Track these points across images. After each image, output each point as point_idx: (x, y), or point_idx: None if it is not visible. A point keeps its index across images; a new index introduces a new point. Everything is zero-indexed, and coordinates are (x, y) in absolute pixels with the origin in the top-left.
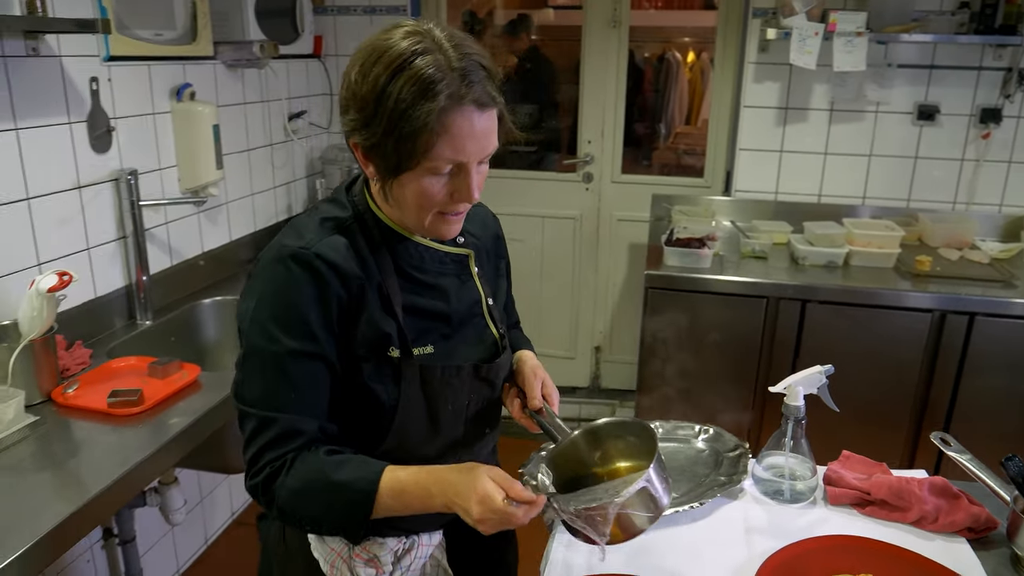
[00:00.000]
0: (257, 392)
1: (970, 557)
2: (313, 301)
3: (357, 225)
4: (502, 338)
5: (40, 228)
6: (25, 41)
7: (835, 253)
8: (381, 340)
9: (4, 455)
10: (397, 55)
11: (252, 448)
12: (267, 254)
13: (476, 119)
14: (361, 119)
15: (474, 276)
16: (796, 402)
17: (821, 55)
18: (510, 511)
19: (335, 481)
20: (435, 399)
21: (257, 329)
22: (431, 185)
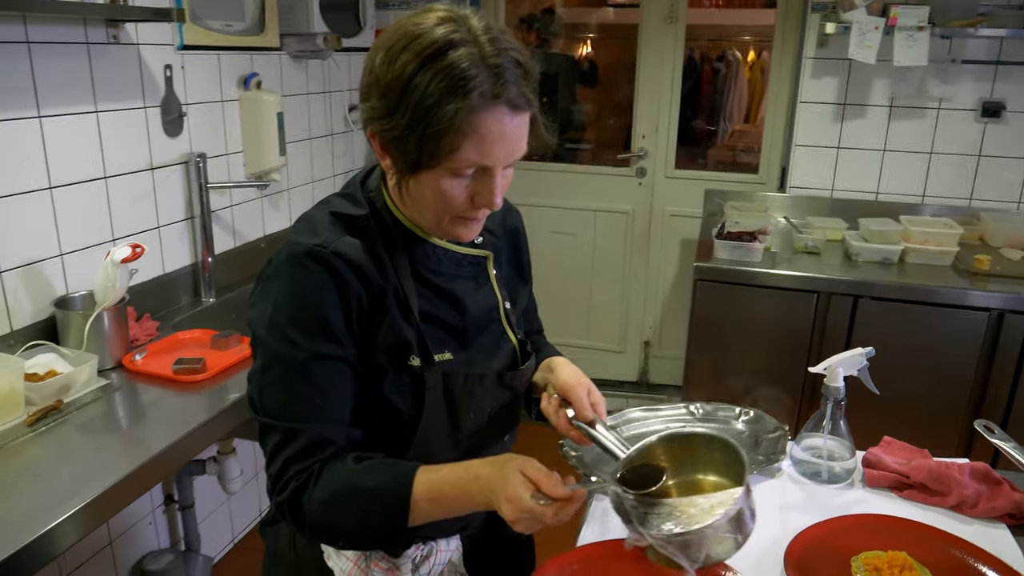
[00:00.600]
0: (279, 402)
1: (1009, 542)
2: (334, 301)
3: (374, 223)
4: (521, 344)
5: (115, 205)
6: (107, 29)
7: (890, 250)
8: (401, 348)
9: (78, 414)
10: (429, 43)
11: (277, 462)
12: (280, 254)
13: (507, 122)
14: (383, 108)
15: (492, 279)
16: (836, 383)
17: (881, 50)
18: (538, 510)
19: (366, 488)
20: (457, 407)
21: (277, 335)
22: (451, 187)
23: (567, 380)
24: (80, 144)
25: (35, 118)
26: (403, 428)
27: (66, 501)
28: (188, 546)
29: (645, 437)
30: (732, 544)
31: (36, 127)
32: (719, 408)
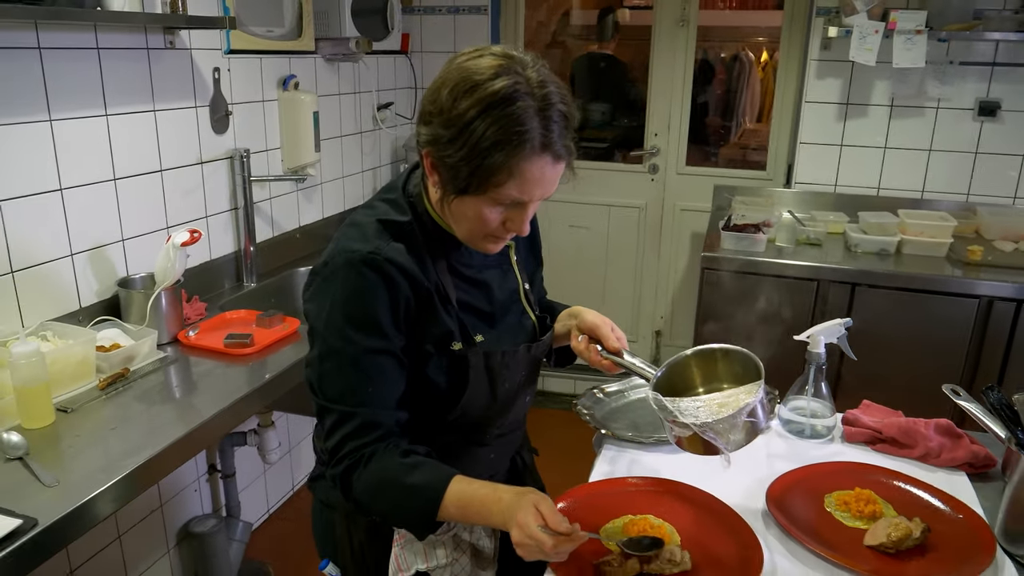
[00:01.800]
0: (337, 389)
1: (967, 488)
2: (385, 303)
3: (417, 228)
4: (540, 320)
5: (170, 196)
6: (164, 35)
7: (887, 241)
8: (445, 336)
9: (139, 382)
10: (491, 94)
11: (334, 438)
12: (337, 257)
13: (548, 170)
14: (445, 137)
15: (514, 265)
16: (817, 349)
17: (882, 52)
18: (540, 537)
19: (406, 484)
20: (496, 379)
21: (334, 331)
22: (489, 213)
23: (593, 320)
24: (140, 140)
25: (102, 116)
26: (444, 400)
27: (133, 454)
28: (229, 512)
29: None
30: (752, 430)
31: (103, 125)
32: None
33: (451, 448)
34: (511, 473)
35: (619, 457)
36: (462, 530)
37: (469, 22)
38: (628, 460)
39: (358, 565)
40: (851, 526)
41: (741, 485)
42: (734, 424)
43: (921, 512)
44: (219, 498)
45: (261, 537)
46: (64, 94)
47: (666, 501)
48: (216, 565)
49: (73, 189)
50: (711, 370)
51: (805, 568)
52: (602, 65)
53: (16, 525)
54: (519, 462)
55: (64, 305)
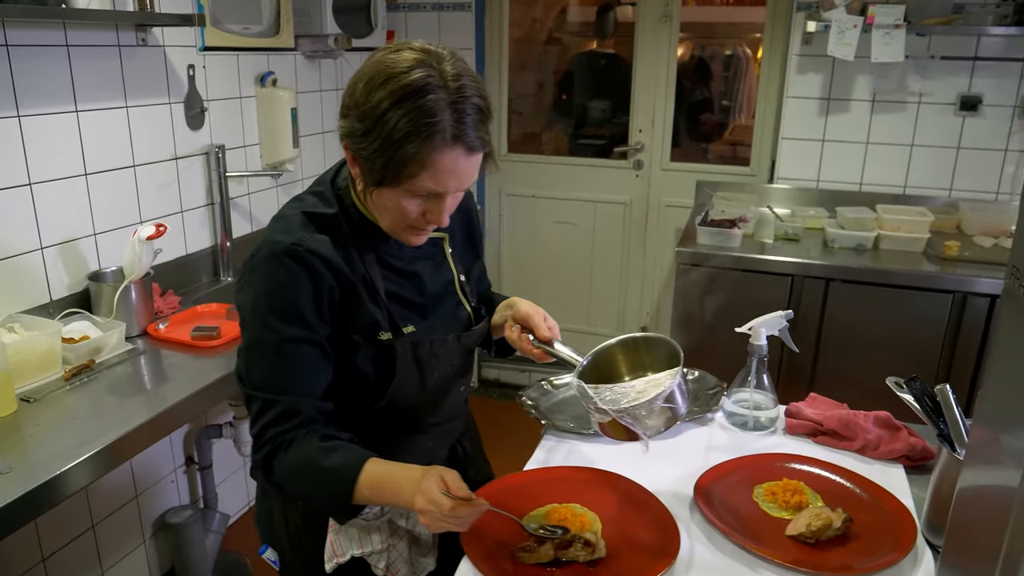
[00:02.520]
0: (261, 376)
1: (902, 480)
2: (308, 293)
3: (343, 220)
4: (475, 311)
5: (143, 191)
6: (136, 33)
7: (864, 236)
8: (372, 326)
9: (107, 372)
10: (403, 86)
11: (257, 426)
12: (261, 250)
13: (461, 160)
14: (359, 130)
15: (448, 257)
16: (759, 341)
17: (861, 47)
18: (440, 499)
19: (322, 466)
20: (424, 368)
21: (258, 321)
22: (407, 204)
23: (526, 310)
24: (112, 136)
25: (72, 112)
26: (373, 390)
27: (92, 441)
28: (206, 503)
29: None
30: (671, 415)
31: (73, 120)
32: None
33: (388, 436)
34: (450, 462)
35: (557, 447)
36: (397, 516)
37: (453, 18)
38: (566, 450)
39: (295, 550)
40: (776, 516)
41: (675, 475)
42: (651, 409)
43: (849, 503)
44: (197, 490)
45: (240, 529)
46: (33, 91)
47: (593, 490)
48: (192, 555)
49: (43, 184)
50: (637, 359)
51: (724, 557)
52: (602, 62)
53: None
54: (459, 451)
55: (34, 298)
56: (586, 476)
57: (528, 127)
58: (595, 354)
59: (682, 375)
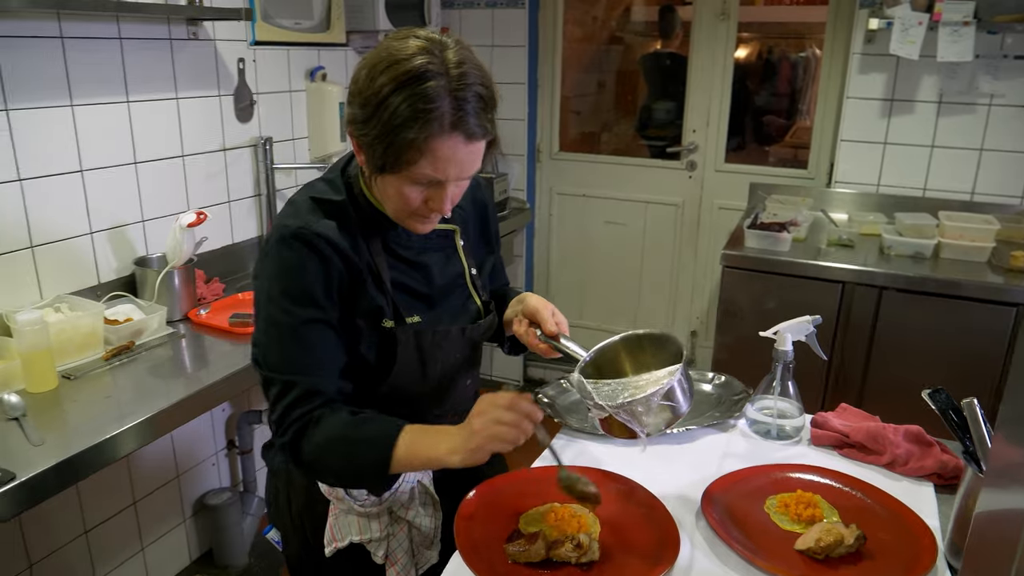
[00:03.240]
0: (278, 359)
1: (930, 499)
2: (317, 275)
3: (350, 207)
4: (485, 304)
5: (191, 181)
6: (187, 27)
7: (923, 244)
8: (375, 312)
9: (146, 354)
10: (404, 71)
11: (278, 409)
12: (273, 235)
13: (460, 148)
14: (360, 116)
15: (459, 250)
16: (784, 347)
17: (927, 46)
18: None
19: (356, 438)
20: (426, 359)
21: (272, 304)
22: (409, 191)
23: (535, 305)
24: (162, 126)
25: (124, 103)
26: (374, 377)
27: (123, 417)
28: (245, 487)
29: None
30: (670, 414)
31: (125, 111)
32: (694, 371)
33: None
34: None
35: (568, 447)
36: (397, 506)
37: (507, 16)
38: (576, 451)
39: (296, 533)
40: (787, 529)
41: (686, 481)
42: (648, 406)
43: (866, 520)
44: (236, 473)
45: None
46: (85, 81)
47: None
48: (229, 537)
49: (93, 171)
50: (641, 357)
51: (725, 568)
52: (667, 63)
53: None
54: None
55: (83, 280)
56: (591, 477)
57: (587, 127)
58: (599, 351)
59: (684, 373)
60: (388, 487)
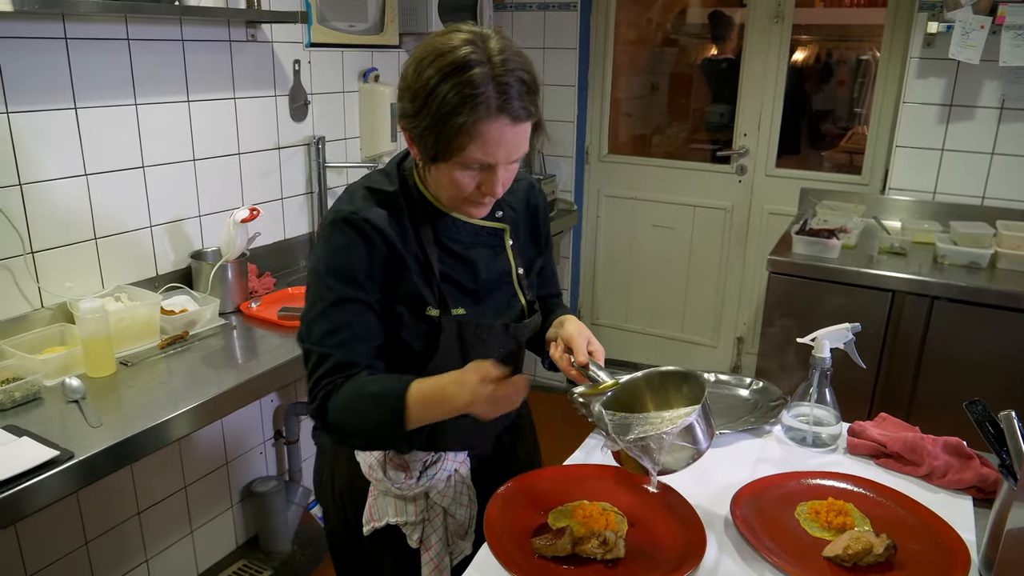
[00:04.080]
0: (318, 333)
1: (967, 512)
2: (362, 258)
3: (402, 198)
4: (530, 304)
5: (246, 178)
6: (246, 29)
7: (979, 254)
8: (418, 301)
9: (199, 343)
10: (450, 62)
11: (312, 379)
12: (327, 218)
13: (507, 130)
14: (411, 109)
15: (507, 249)
16: (822, 354)
17: (988, 50)
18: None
19: (370, 392)
20: (468, 350)
21: (318, 282)
22: (462, 177)
23: (571, 332)
24: (220, 125)
25: (184, 102)
26: (414, 364)
27: (176, 403)
28: (291, 476)
29: None
30: (688, 454)
31: (185, 110)
32: (734, 378)
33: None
34: (494, 451)
35: (599, 447)
36: (434, 492)
37: (559, 18)
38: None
39: (338, 510)
40: (816, 536)
41: (718, 484)
42: (661, 444)
43: (899, 531)
44: (283, 463)
45: None
46: (149, 81)
47: (626, 491)
48: (274, 524)
49: (154, 167)
50: (664, 394)
51: (751, 571)
52: (723, 66)
53: (54, 455)
54: (504, 440)
55: (142, 272)
56: (622, 477)
57: (638, 129)
58: (625, 384)
59: (703, 413)
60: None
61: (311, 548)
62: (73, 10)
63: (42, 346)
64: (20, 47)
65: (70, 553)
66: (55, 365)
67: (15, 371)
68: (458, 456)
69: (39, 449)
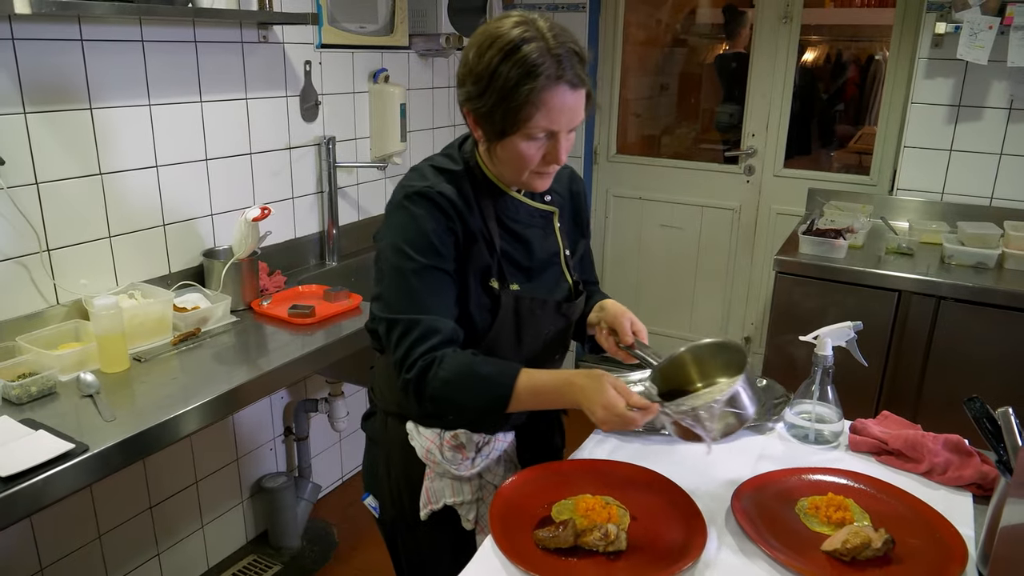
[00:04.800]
0: (400, 302)
1: (967, 509)
2: (438, 227)
3: (466, 177)
4: (576, 284)
5: (258, 177)
6: (258, 30)
7: (986, 254)
8: (485, 272)
9: (211, 340)
10: (508, 41)
11: (402, 348)
12: (396, 195)
13: (568, 96)
14: (476, 91)
15: (556, 231)
16: (824, 352)
17: (997, 50)
18: (630, 415)
19: (481, 374)
20: (522, 324)
21: (396, 253)
22: (528, 148)
23: (614, 314)
24: (231, 125)
25: (197, 103)
26: (473, 337)
27: (189, 398)
28: (301, 473)
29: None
30: (735, 419)
31: (198, 110)
32: None
33: None
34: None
35: (605, 442)
36: (488, 472)
37: (568, 19)
38: (612, 446)
39: (393, 499)
40: (816, 531)
41: (720, 480)
42: (712, 412)
43: (897, 526)
44: (293, 459)
45: (330, 500)
46: (163, 82)
47: (628, 486)
48: (283, 519)
49: (167, 167)
50: (706, 366)
51: (750, 564)
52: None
53: (69, 448)
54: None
55: (156, 269)
56: (625, 471)
57: (647, 129)
58: (670, 359)
59: (748, 380)
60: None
61: (320, 544)
62: (89, 12)
63: (58, 342)
64: (37, 49)
65: (84, 546)
66: (70, 361)
67: (31, 366)
68: (507, 436)
69: (54, 442)
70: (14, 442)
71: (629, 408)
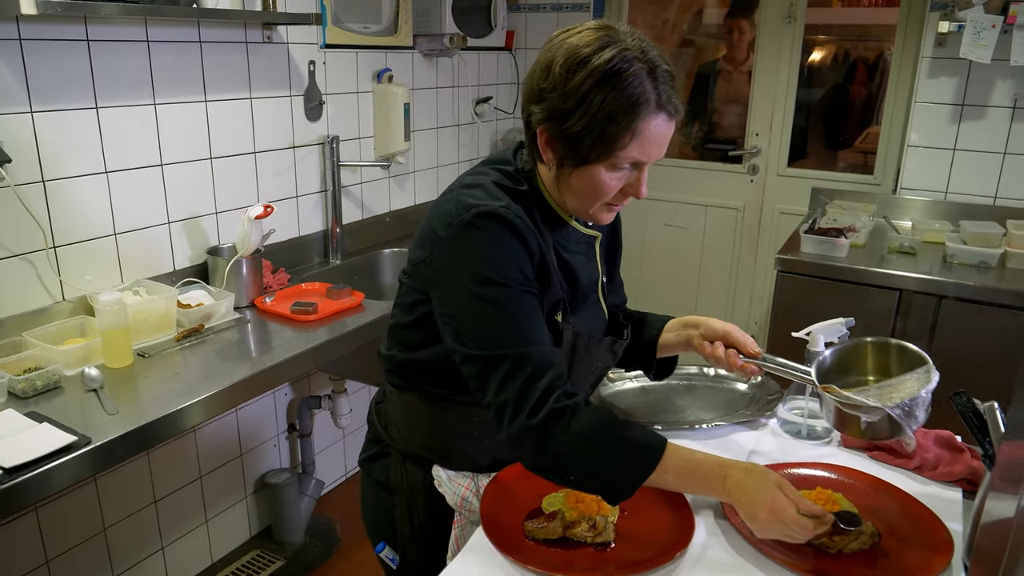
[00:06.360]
0: (498, 335)
1: (955, 503)
2: (522, 251)
3: (533, 199)
4: (612, 315)
5: (262, 176)
6: (262, 30)
7: (988, 253)
8: (555, 304)
9: (216, 336)
10: (602, 64)
11: (513, 387)
12: (467, 214)
13: (664, 128)
14: (562, 112)
15: (597, 256)
16: (816, 348)
17: (1001, 49)
18: (803, 523)
19: (625, 438)
20: (576, 360)
21: (475, 281)
22: (610, 178)
23: (723, 327)
24: (236, 125)
25: (202, 102)
26: None
27: (190, 393)
28: (304, 469)
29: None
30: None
31: (202, 109)
32: (731, 375)
33: None
34: None
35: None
36: None
37: (572, 19)
38: None
39: (417, 546)
40: None
41: None
42: (924, 404)
43: (885, 520)
44: (296, 456)
45: (333, 496)
46: (168, 82)
47: None
48: (287, 515)
49: (172, 165)
50: (862, 363)
51: (738, 558)
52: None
53: (72, 440)
54: None
55: (160, 267)
56: None
57: None
58: (835, 353)
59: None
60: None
61: (323, 540)
62: (95, 13)
63: (63, 337)
64: (44, 49)
65: (88, 539)
66: (75, 356)
67: (37, 361)
68: None
69: (58, 434)
70: (19, 434)
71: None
